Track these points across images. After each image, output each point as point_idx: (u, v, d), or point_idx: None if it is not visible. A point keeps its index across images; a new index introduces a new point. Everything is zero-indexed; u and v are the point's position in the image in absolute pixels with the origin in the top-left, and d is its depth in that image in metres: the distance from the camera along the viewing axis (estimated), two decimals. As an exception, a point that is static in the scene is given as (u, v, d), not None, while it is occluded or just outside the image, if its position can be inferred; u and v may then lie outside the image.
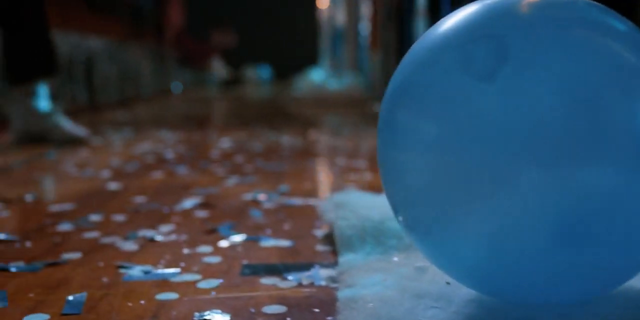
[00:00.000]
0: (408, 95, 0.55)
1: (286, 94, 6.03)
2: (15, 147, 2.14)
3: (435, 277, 0.67)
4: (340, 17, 6.64)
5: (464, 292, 0.64)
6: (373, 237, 0.78)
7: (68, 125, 2.21)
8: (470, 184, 0.51)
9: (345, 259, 0.76)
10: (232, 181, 1.48)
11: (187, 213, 1.16)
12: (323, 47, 8.89)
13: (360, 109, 4.07)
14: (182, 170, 1.63)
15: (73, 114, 3.24)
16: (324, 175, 1.55)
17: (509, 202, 0.50)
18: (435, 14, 2.72)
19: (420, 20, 2.90)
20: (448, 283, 0.66)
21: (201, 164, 1.74)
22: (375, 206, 0.85)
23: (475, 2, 0.59)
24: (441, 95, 0.52)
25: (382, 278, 0.68)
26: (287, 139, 2.32)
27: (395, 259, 0.74)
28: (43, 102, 2.22)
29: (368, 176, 1.53)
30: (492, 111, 0.51)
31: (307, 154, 1.96)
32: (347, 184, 1.43)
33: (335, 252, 0.89)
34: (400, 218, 0.60)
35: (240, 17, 11.84)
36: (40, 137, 2.21)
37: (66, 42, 3.55)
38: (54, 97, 2.53)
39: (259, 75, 9.90)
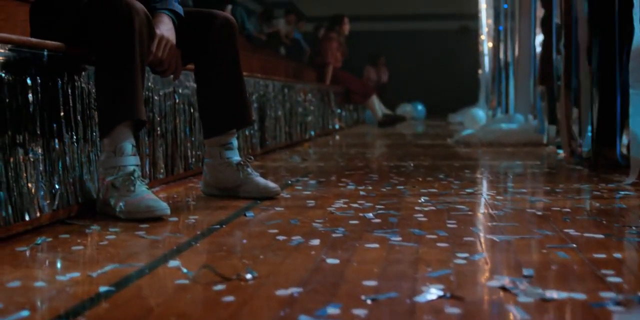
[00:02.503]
0: None
1: (450, 134, 5.82)
2: (207, 202, 2.07)
3: None
4: (507, 51, 6.37)
5: None
6: None
7: (259, 179, 2.14)
8: None
9: None
10: (461, 258, 1.31)
11: (435, 308, 1.00)
12: (484, 84, 8.60)
13: (547, 154, 3.80)
14: (397, 240, 1.48)
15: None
16: (565, 253, 1.35)
17: None
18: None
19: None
20: None
21: (412, 230, 1.58)
22: None
23: None
24: None
25: None
26: (487, 196, 2.13)
27: None
28: (235, 154, 2.16)
29: (617, 255, 1.32)
30: None
31: (525, 219, 1.76)
32: (599, 268, 1.23)
33: None
34: None
35: (394, 53, 11.79)
36: (232, 190, 2.14)
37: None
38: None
39: (414, 112, 9.75)
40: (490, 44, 7.86)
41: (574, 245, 1.41)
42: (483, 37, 8.76)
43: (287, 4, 10.14)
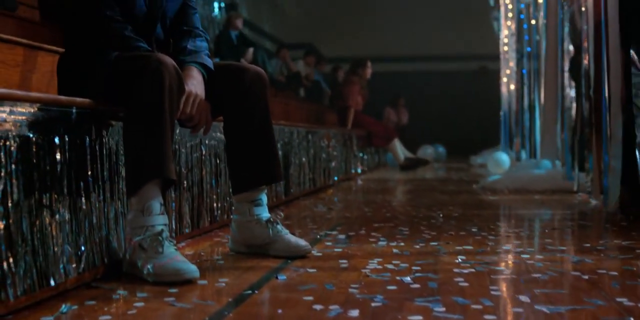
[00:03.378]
0: None
1: (473, 178, 5.74)
2: (236, 262, 2.00)
3: None
4: (532, 94, 6.31)
5: None
6: None
7: (289, 236, 2.07)
8: None
9: None
10: (513, 335, 1.23)
11: None
12: (506, 126, 8.53)
13: (577, 203, 3.70)
14: (440, 311, 1.40)
15: (270, 209, 3.14)
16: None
17: None
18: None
19: None
20: None
21: (455, 299, 1.50)
22: None
23: None
24: None
25: None
26: (526, 255, 2.04)
27: None
28: (265, 211, 2.09)
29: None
30: None
31: (572, 284, 1.67)
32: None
33: None
34: None
35: (414, 94, 11.78)
36: (261, 248, 2.07)
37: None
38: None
39: (435, 155, 9.66)
40: (512, 86, 7.81)
41: (632, 319, 1.33)
42: (504, 78, 8.72)
43: (306, 45, 10.17)
